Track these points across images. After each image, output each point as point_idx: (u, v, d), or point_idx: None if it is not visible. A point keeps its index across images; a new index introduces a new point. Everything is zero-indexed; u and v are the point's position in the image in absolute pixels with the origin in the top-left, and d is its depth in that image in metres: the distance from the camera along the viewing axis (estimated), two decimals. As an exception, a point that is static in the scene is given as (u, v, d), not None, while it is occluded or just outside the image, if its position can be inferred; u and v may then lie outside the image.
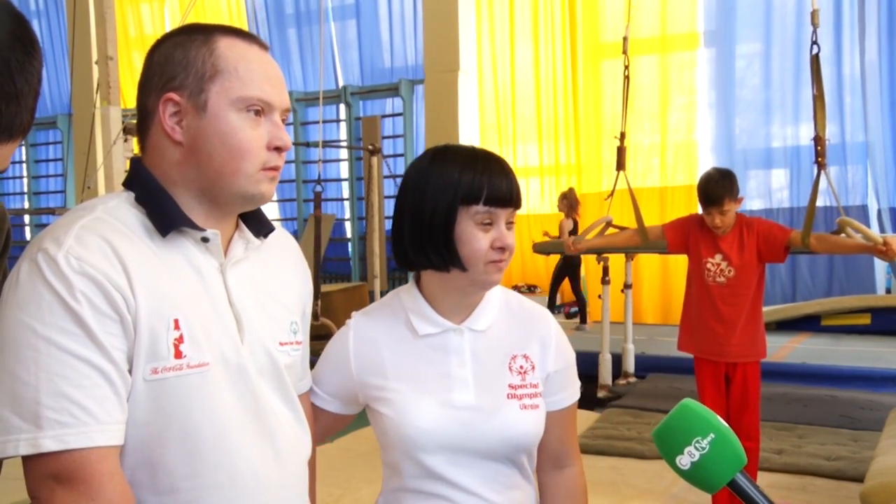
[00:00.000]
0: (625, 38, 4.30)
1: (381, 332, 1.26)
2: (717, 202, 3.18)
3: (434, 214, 1.18)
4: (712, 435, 0.85)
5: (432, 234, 1.19)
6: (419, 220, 1.20)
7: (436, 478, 1.20)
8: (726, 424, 0.88)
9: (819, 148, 3.48)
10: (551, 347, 1.28)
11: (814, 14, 3.52)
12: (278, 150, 1.04)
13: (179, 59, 1.00)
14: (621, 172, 4.41)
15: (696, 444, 0.86)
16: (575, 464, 1.35)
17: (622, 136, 4.40)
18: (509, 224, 1.21)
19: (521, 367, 1.25)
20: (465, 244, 1.18)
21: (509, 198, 1.19)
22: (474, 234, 1.18)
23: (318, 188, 5.90)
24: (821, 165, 3.50)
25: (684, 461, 0.86)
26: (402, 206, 1.23)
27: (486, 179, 1.17)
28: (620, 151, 4.34)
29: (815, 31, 3.49)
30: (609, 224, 4.20)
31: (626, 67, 4.31)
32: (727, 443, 0.86)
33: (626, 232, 3.98)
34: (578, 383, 1.33)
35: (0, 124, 0.87)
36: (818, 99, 3.44)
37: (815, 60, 3.46)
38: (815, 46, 3.45)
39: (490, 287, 1.25)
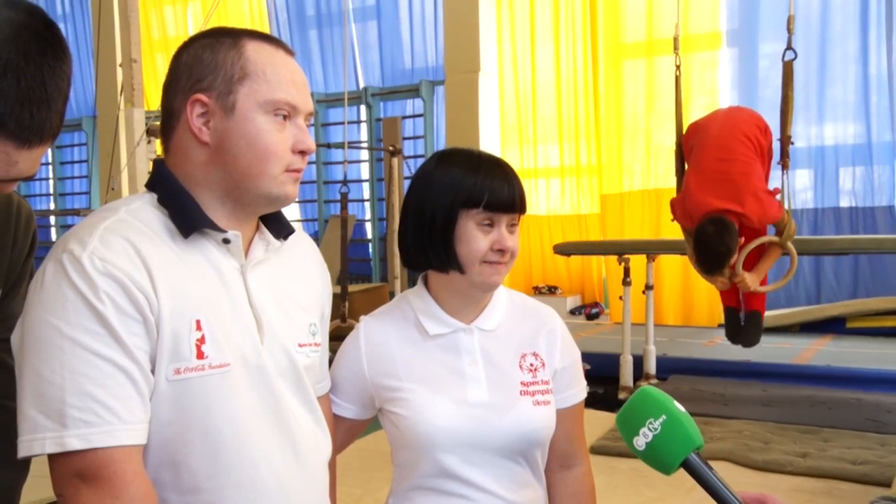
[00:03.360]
0: (676, 38, 4.23)
1: (390, 334, 1.27)
2: (720, 271, 3.27)
3: (435, 216, 1.20)
4: (664, 416, 0.90)
5: (432, 234, 1.21)
6: (420, 220, 1.22)
7: (451, 476, 1.21)
8: (683, 409, 0.92)
9: (785, 149, 3.55)
10: (557, 344, 1.30)
11: (789, 20, 3.52)
12: (302, 153, 1.05)
13: (208, 61, 1.01)
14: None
15: (650, 425, 0.90)
16: (582, 463, 1.36)
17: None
18: (512, 227, 1.22)
19: (532, 364, 1.27)
20: (463, 244, 1.19)
21: (510, 203, 1.20)
22: (474, 234, 1.19)
23: (344, 189, 5.93)
24: (784, 166, 3.52)
25: (640, 442, 0.91)
26: (407, 207, 1.25)
27: (488, 184, 1.18)
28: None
29: (790, 38, 3.51)
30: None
31: (678, 67, 4.23)
32: (678, 424, 0.90)
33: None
34: (584, 382, 1.35)
35: (31, 128, 0.88)
36: (788, 101, 3.54)
37: (788, 66, 3.48)
38: (789, 52, 3.47)
39: (490, 289, 1.26)
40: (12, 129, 0.87)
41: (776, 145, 3.64)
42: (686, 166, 3.87)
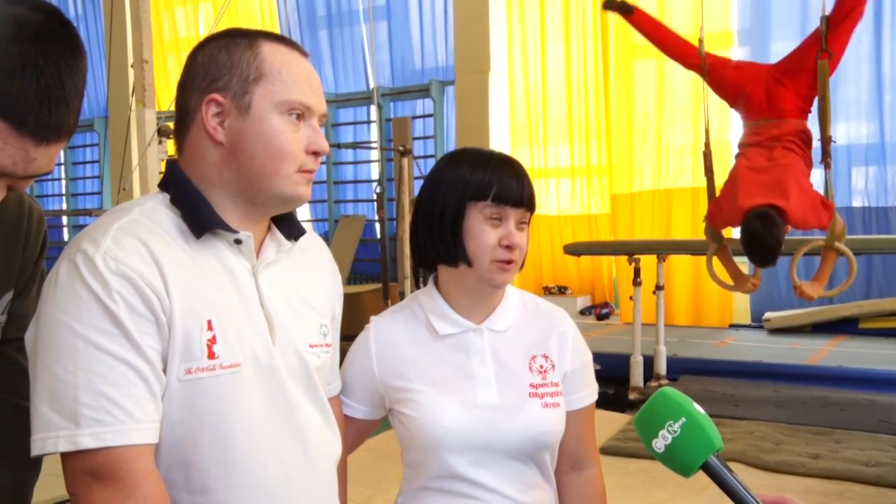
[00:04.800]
0: (700, 40, 4.23)
1: (401, 334, 1.27)
2: (773, 263, 3.31)
3: (444, 209, 1.21)
4: (683, 419, 0.89)
5: (441, 228, 1.22)
6: (431, 216, 1.23)
7: (459, 477, 1.21)
8: (702, 411, 0.91)
9: (827, 148, 3.52)
10: (568, 346, 1.30)
11: (822, 20, 3.50)
12: (316, 154, 1.05)
13: (224, 62, 1.01)
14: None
15: (669, 428, 0.89)
16: (593, 466, 1.35)
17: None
18: (521, 225, 1.22)
19: (542, 366, 1.26)
20: (472, 238, 1.20)
21: (519, 198, 1.20)
22: (482, 228, 1.20)
23: (378, 189, 5.97)
24: (827, 166, 3.54)
25: (659, 444, 0.90)
26: (419, 205, 1.27)
27: (496, 178, 1.19)
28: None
29: (823, 37, 3.49)
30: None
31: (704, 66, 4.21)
32: (698, 427, 0.89)
33: None
34: (596, 385, 1.34)
35: (50, 126, 0.90)
36: (826, 101, 3.49)
37: (823, 67, 3.50)
38: (822, 52, 3.45)
39: (497, 287, 1.25)
40: (32, 127, 0.89)
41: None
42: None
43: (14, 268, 1.24)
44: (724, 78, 3.75)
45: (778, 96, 3.52)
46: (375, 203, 5.81)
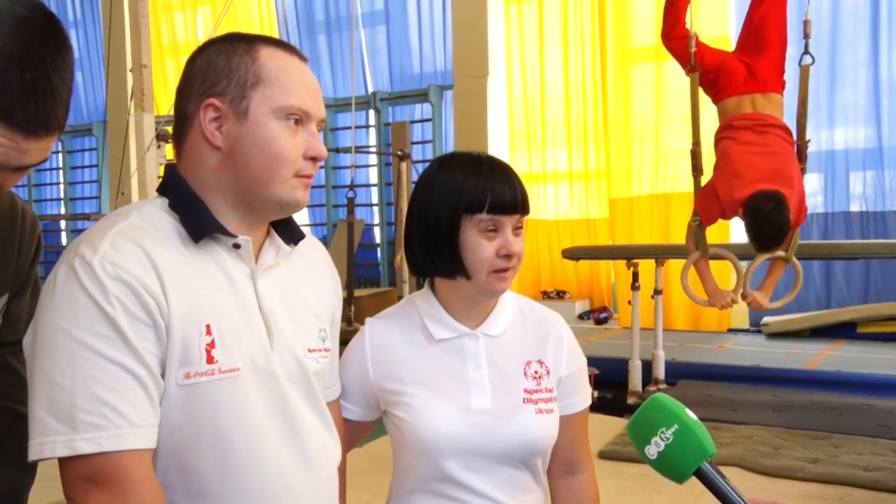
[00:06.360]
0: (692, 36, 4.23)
1: (396, 337, 1.27)
2: (780, 247, 3.28)
3: (438, 221, 1.19)
4: (676, 426, 0.89)
5: (437, 241, 1.20)
6: (425, 226, 1.21)
7: (451, 481, 1.21)
8: (695, 417, 0.91)
9: (803, 153, 3.52)
10: (563, 351, 1.29)
11: (806, 24, 3.49)
12: (314, 159, 1.05)
13: (222, 66, 1.01)
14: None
15: (662, 435, 0.89)
16: (587, 470, 1.35)
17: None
18: (517, 230, 1.21)
19: (536, 372, 1.26)
20: (469, 252, 1.19)
21: (513, 205, 1.19)
22: (479, 242, 1.18)
23: (351, 194, 5.94)
24: (801, 171, 3.51)
25: (651, 451, 0.90)
26: (412, 212, 1.25)
27: (490, 186, 1.17)
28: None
29: (807, 42, 3.50)
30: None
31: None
32: (691, 434, 0.89)
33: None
34: (589, 389, 1.35)
35: (38, 119, 0.90)
36: (804, 104, 3.53)
37: (805, 71, 3.50)
38: (807, 56, 3.46)
39: (496, 295, 1.25)
40: (19, 120, 0.88)
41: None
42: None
43: (9, 271, 1.23)
44: (704, 56, 3.70)
45: (759, 66, 3.50)
46: (346, 208, 5.76)
